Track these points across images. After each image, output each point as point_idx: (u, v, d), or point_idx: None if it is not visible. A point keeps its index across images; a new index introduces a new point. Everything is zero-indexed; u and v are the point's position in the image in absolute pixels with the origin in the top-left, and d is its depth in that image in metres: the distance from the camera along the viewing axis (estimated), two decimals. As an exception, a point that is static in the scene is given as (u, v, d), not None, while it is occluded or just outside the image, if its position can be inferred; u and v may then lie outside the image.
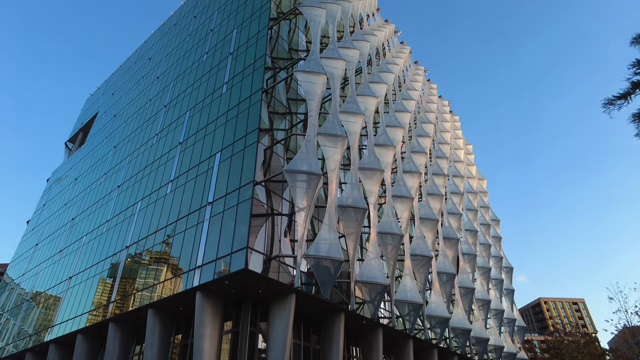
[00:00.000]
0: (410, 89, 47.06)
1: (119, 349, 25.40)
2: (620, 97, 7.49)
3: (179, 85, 37.45)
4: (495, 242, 50.60)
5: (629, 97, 7.43)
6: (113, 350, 25.09)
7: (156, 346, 22.31)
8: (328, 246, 21.31)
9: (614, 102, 7.56)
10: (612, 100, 7.55)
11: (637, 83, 7.30)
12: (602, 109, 7.53)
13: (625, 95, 7.45)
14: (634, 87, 7.34)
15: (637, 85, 7.30)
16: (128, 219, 30.92)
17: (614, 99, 7.52)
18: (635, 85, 7.32)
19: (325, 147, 25.04)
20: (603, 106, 7.55)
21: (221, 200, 22.69)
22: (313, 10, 30.37)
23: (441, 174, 41.90)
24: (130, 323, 25.84)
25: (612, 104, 7.58)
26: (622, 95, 7.46)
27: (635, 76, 7.37)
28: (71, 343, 29.62)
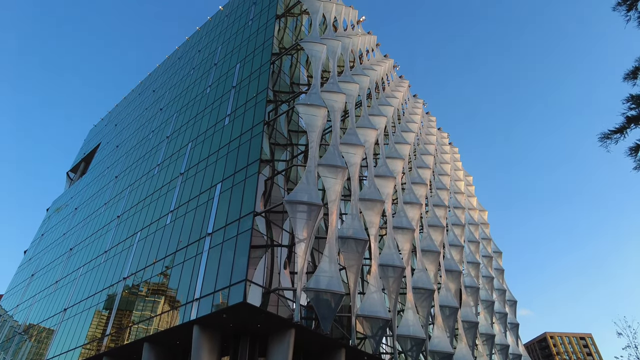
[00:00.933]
0: (410, 121, 47.76)
1: (111, 385, 24.56)
2: (616, 132, 7.64)
3: (182, 117, 38.06)
4: (498, 275, 49.87)
5: (625, 131, 7.57)
6: (105, 387, 24.26)
7: (150, 383, 21.59)
8: (328, 279, 21.00)
9: (610, 136, 7.70)
10: (608, 134, 7.70)
11: (632, 118, 7.47)
12: (599, 142, 7.66)
13: (621, 130, 7.60)
14: (629, 121, 7.50)
15: (632, 119, 7.47)
16: (127, 249, 30.64)
17: (610, 133, 7.67)
18: (630, 119, 7.48)
19: (325, 178, 25.15)
20: (600, 140, 7.69)
21: (221, 231, 22.57)
22: (314, 46, 31.28)
23: (442, 206, 41.84)
24: (125, 357, 25.10)
25: (609, 138, 7.72)
26: (618, 130, 7.62)
27: (629, 111, 7.54)
28: (63, 379, 28.68)
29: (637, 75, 7.53)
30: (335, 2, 39.85)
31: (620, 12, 7.40)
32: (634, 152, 7.49)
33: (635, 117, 7.44)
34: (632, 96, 7.45)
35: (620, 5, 7.38)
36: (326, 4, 36.94)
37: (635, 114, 7.45)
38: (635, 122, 7.46)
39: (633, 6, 7.28)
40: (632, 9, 7.32)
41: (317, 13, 34.61)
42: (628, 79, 7.60)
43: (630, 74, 7.55)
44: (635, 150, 7.49)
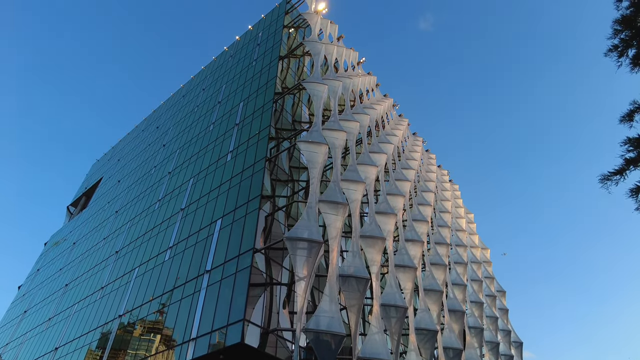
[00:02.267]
0: (410, 158, 48.21)
1: None
2: (616, 173, 7.73)
3: (185, 153, 38.50)
4: (502, 315, 48.60)
5: (625, 172, 7.68)
6: None
7: None
8: (329, 319, 20.47)
9: (610, 177, 7.78)
10: (608, 176, 7.79)
11: (630, 160, 7.59)
12: (600, 184, 7.74)
13: (620, 172, 7.70)
14: (628, 163, 7.62)
15: (630, 161, 7.59)
16: (124, 286, 30.11)
17: (610, 175, 7.77)
18: (629, 161, 7.60)
19: (326, 214, 25.08)
20: (600, 181, 7.78)
21: (219, 269, 22.26)
22: (316, 86, 32.12)
23: (444, 243, 41.44)
24: (115, 402, 24.07)
25: (609, 180, 7.80)
26: (618, 172, 7.72)
27: (628, 153, 7.68)
28: None
29: (633, 118, 7.73)
30: (336, 45, 41.30)
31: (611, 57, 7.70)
32: (635, 193, 7.55)
33: (633, 159, 7.56)
34: (629, 139, 7.61)
35: (611, 51, 7.68)
36: (327, 46, 38.27)
37: (633, 155, 7.57)
38: (634, 163, 7.57)
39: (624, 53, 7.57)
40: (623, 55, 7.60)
41: (318, 55, 35.79)
42: (624, 122, 7.79)
43: (625, 116, 7.74)
44: (636, 192, 7.56)
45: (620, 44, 7.46)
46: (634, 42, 7.24)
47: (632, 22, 7.23)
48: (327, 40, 39.92)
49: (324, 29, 40.97)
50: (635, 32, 7.19)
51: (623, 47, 7.47)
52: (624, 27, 7.30)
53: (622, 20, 7.31)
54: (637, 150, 7.48)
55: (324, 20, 40.98)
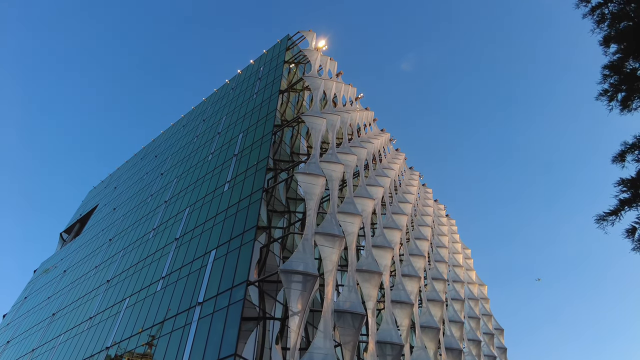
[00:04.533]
0: (406, 192, 48.38)
1: None
2: (611, 214, 7.82)
3: (182, 182, 38.53)
4: (500, 354, 47.34)
5: (619, 213, 7.77)
6: None
7: None
8: (323, 356, 19.88)
9: (605, 218, 7.86)
10: (603, 216, 7.86)
11: (625, 200, 7.70)
12: (596, 224, 7.81)
13: (615, 212, 7.79)
14: (623, 204, 7.72)
15: (625, 202, 7.69)
16: (113, 316, 29.32)
17: (606, 215, 7.85)
18: (624, 202, 7.71)
19: (322, 246, 24.87)
20: (596, 222, 7.85)
21: (212, 301, 21.81)
22: (314, 119, 32.66)
23: (441, 279, 40.93)
24: None
25: (605, 220, 7.87)
26: (613, 212, 7.80)
27: (622, 194, 7.80)
28: None
29: (625, 158, 7.90)
30: (335, 80, 42.34)
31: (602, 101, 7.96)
32: (631, 234, 7.61)
33: (628, 199, 7.67)
34: (622, 180, 7.76)
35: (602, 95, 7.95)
36: (327, 81, 39.22)
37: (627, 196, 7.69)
38: (629, 204, 7.67)
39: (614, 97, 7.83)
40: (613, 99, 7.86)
41: (318, 89, 36.61)
42: (616, 162, 7.95)
43: (617, 156, 7.92)
44: (632, 233, 7.61)
45: (610, 89, 7.74)
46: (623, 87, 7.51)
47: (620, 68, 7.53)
48: (326, 75, 40.96)
49: (324, 65, 42.11)
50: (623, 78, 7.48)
51: (613, 92, 7.74)
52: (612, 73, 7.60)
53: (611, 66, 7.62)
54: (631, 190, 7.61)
55: (323, 56, 42.21)
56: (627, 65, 7.65)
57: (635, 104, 7.71)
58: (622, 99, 7.75)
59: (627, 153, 7.84)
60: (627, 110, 7.80)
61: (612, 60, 7.72)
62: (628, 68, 7.61)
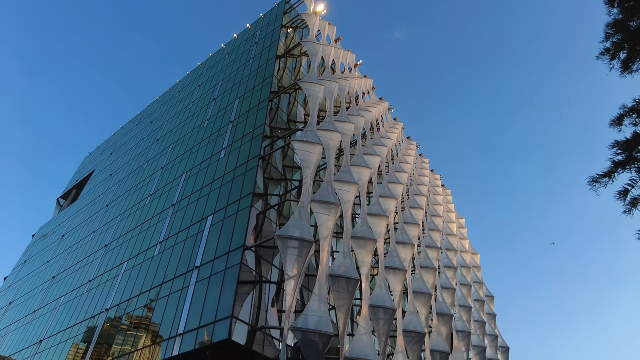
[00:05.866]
0: (403, 162, 48.40)
1: None
2: (605, 176, 7.87)
3: (178, 148, 38.31)
4: (490, 320, 48.89)
5: (613, 175, 7.82)
6: None
7: None
8: (317, 319, 20.45)
9: (599, 180, 7.92)
10: (597, 178, 7.92)
11: (618, 163, 7.73)
12: (589, 186, 7.88)
13: (609, 174, 7.84)
14: (617, 166, 7.76)
15: (619, 164, 7.73)
16: (112, 280, 29.85)
17: (599, 178, 7.90)
18: (618, 164, 7.74)
19: (318, 214, 25.09)
20: (589, 184, 7.91)
21: (209, 265, 22.16)
22: (312, 86, 32.17)
23: (434, 247, 41.63)
24: (99, 397, 23.84)
25: (598, 182, 7.93)
26: (606, 174, 7.85)
27: (616, 156, 7.82)
28: (31, 418, 27.00)
29: (623, 122, 7.88)
30: (334, 46, 41.42)
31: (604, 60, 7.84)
32: (623, 196, 7.69)
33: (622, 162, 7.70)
34: (617, 142, 7.77)
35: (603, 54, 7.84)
36: (325, 47, 38.36)
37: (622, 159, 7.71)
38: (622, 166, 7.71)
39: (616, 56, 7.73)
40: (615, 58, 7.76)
41: (316, 55, 35.86)
42: (614, 126, 7.94)
43: (615, 120, 7.90)
44: (624, 195, 7.69)
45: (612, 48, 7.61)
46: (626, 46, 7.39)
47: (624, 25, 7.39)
48: (325, 41, 40.00)
49: (322, 31, 41.06)
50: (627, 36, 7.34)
51: (615, 51, 7.61)
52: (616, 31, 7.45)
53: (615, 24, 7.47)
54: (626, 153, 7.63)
55: (322, 21, 41.08)
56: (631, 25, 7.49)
57: (637, 67, 7.61)
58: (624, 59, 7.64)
59: (625, 117, 7.82)
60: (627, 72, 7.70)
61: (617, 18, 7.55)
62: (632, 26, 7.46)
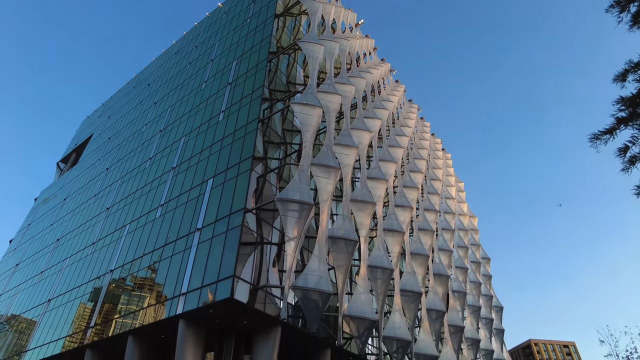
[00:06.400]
0: (404, 125, 48.00)
1: (93, 378, 24.29)
2: (606, 132, 7.81)
3: (176, 111, 37.85)
4: (485, 281, 50.22)
5: (614, 132, 7.75)
6: (87, 380, 23.98)
7: (133, 377, 21.39)
8: (317, 278, 21.00)
9: (600, 137, 7.87)
10: (598, 135, 7.86)
11: (621, 119, 7.65)
12: (589, 143, 7.83)
13: (610, 131, 7.77)
14: (619, 122, 7.68)
15: (621, 121, 7.65)
16: (115, 242, 30.37)
17: (600, 134, 7.84)
18: (620, 121, 7.66)
19: (318, 177, 25.17)
20: (589, 140, 7.86)
21: (210, 227, 22.47)
22: (312, 46, 31.32)
23: (433, 210, 42.08)
24: (108, 350, 24.86)
25: (599, 139, 7.88)
26: (608, 131, 7.79)
27: (619, 112, 7.72)
28: (44, 371, 28.27)
29: (627, 78, 7.72)
30: (334, 4, 39.98)
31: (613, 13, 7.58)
32: (623, 153, 7.67)
33: (624, 118, 7.62)
34: (622, 98, 7.64)
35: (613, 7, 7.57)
36: (325, 5, 37.04)
37: (625, 115, 7.62)
38: (625, 123, 7.64)
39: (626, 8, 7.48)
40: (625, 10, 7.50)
41: (315, 14, 34.69)
42: (617, 81, 7.78)
43: (619, 75, 7.73)
44: (624, 151, 7.67)
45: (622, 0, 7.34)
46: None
47: None
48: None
49: (322, -13, 39.47)
50: None
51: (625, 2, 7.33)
52: None
53: None
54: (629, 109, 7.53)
55: (322, -23, 39.40)
56: None
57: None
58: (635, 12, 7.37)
59: (630, 72, 7.65)
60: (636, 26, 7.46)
61: None
62: None
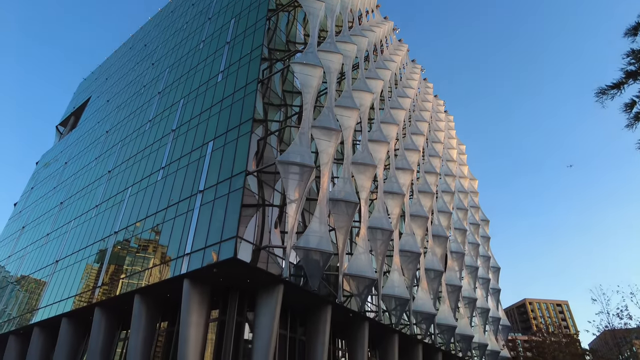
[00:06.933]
0: (407, 86, 47.16)
1: (104, 333, 25.30)
2: (614, 87, 7.61)
3: (174, 72, 37.12)
4: (483, 242, 51.12)
5: (622, 86, 7.54)
6: (98, 335, 24.99)
7: (142, 332, 22.26)
8: (318, 239, 21.37)
9: (607, 91, 7.67)
10: (605, 90, 7.66)
11: (630, 73, 7.42)
12: (595, 98, 7.65)
13: (618, 85, 7.57)
14: (628, 76, 7.45)
15: (630, 74, 7.42)
16: (117, 204, 30.70)
17: (607, 89, 7.63)
18: (629, 74, 7.43)
19: (319, 140, 25.04)
20: (596, 95, 7.68)
21: (212, 189, 22.61)
22: (312, 3, 30.21)
23: (433, 172, 42.15)
24: (116, 308, 25.74)
25: (605, 94, 7.69)
26: (615, 85, 7.59)
27: (629, 66, 7.47)
28: (56, 327, 29.42)
29: (638, 32, 7.43)
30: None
31: None
32: (629, 108, 7.51)
33: (633, 72, 7.39)
34: (632, 51, 7.38)
35: None
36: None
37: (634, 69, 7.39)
38: (634, 77, 7.42)
39: None
40: None
41: (316, -32, 33.16)
42: (628, 35, 7.50)
43: (631, 29, 7.44)
44: (630, 107, 7.51)
45: None
46: None
47: None
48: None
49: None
50: None
51: None
52: None
53: None
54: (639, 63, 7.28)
55: None
56: None
57: None
58: None
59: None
60: None
61: None
62: None
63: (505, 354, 45.06)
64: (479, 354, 40.30)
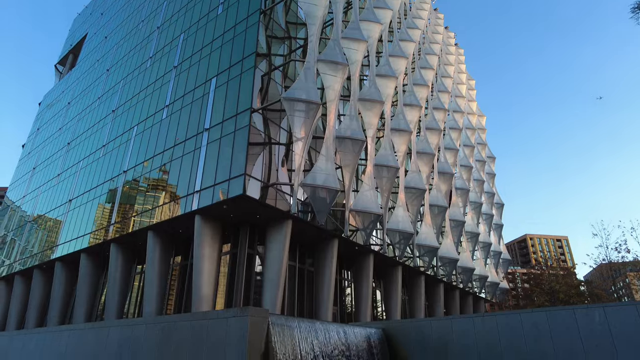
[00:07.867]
0: (416, 17, 44.75)
1: (121, 267, 26.61)
2: None
3: (173, 4, 35.30)
4: (489, 179, 51.38)
5: None
6: (116, 269, 26.30)
7: (157, 266, 23.35)
8: (325, 176, 21.54)
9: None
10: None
11: None
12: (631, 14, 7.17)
13: None
14: None
15: None
16: (124, 144, 30.78)
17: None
18: None
19: (325, 75, 24.31)
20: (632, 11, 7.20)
21: (218, 127, 22.45)
22: None
23: (441, 109, 41.32)
24: (131, 244, 26.81)
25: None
26: None
27: None
28: (76, 261, 30.95)
29: None
30: None
31: None
32: None
33: None
34: None
35: None
36: None
37: None
38: None
39: None
40: None
41: None
42: None
43: None
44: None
45: None
46: None
47: None
48: None
49: None
50: None
51: None
52: None
53: None
54: None
55: None
56: None
57: None
58: None
59: None
60: None
61: None
62: None
63: (504, 285, 47.14)
64: (479, 285, 42.18)
